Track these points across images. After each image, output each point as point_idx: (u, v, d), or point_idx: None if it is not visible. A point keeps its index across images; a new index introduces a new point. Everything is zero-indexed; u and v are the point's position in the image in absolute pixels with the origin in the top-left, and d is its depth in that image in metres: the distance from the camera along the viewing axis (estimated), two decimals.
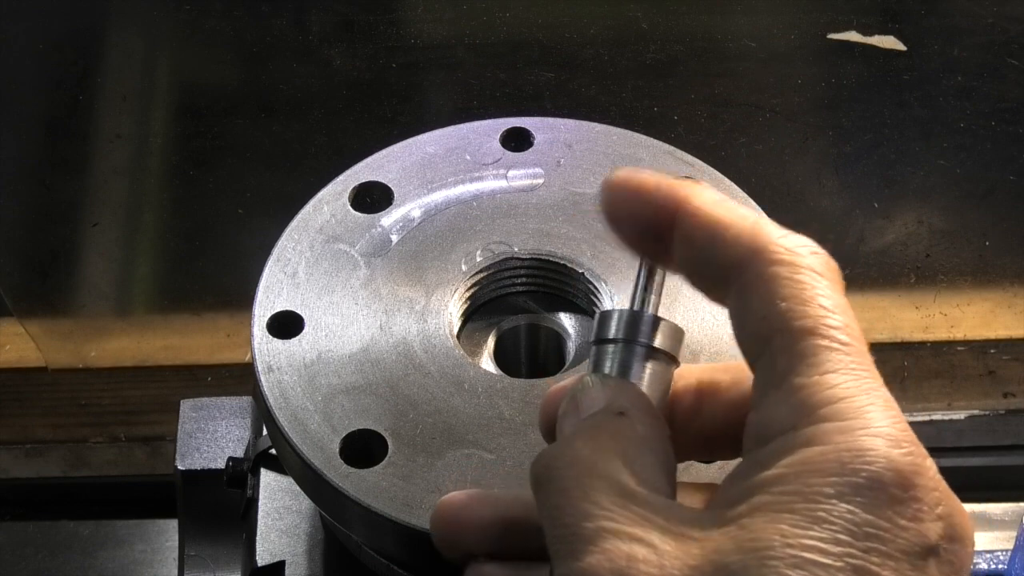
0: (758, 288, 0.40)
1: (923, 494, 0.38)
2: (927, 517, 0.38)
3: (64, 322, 0.98)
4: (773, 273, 0.40)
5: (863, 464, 0.38)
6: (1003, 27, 0.90)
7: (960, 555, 0.39)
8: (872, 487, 0.37)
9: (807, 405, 0.39)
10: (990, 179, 0.95)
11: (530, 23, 0.90)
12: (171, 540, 0.88)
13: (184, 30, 0.92)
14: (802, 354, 0.39)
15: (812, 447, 0.38)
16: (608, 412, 0.41)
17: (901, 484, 0.38)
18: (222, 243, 0.98)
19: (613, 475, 0.39)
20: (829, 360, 0.39)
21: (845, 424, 0.38)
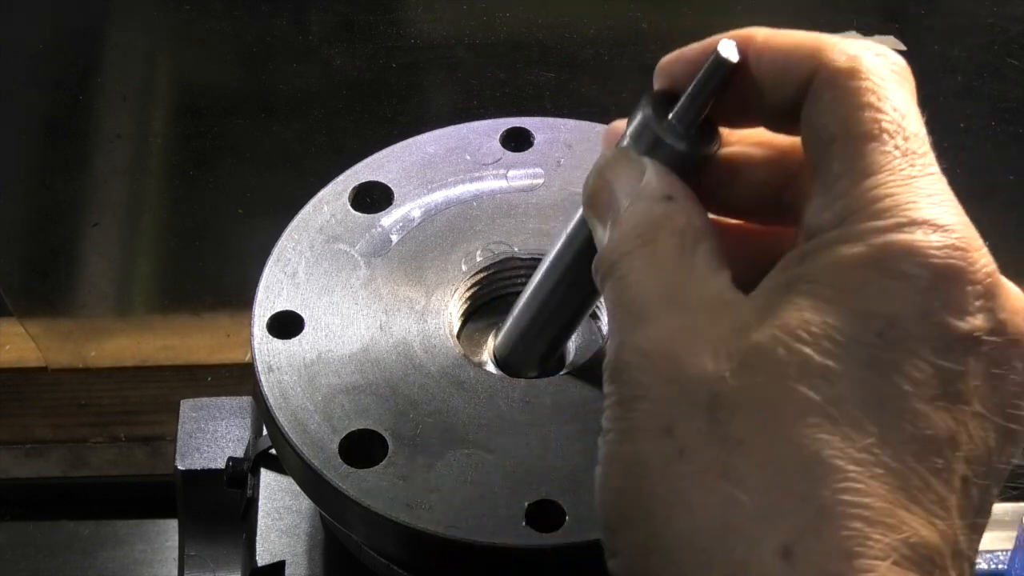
0: (820, 98, 0.41)
1: (960, 284, 0.38)
2: (964, 307, 0.38)
3: (64, 322, 0.99)
4: (832, 81, 0.41)
5: (894, 259, 0.38)
6: (1003, 27, 0.90)
7: (1008, 353, 0.39)
8: (901, 278, 0.38)
9: (850, 207, 0.39)
10: (990, 179, 0.95)
11: (530, 23, 0.90)
12: (171, 540, 0.88)
13: (184, 30, 0.92)
14: (854, 158, 0.40)
15: (848, 245, 0.39)
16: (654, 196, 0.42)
17: (935, 274, 0.38)
18: (222, 243, 0.98)
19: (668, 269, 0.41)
20: (879, 163, 0.40)
21: (883, 223, 0.39)
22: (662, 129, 0.43)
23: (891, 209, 0.39)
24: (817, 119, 0.41)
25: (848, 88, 0.41)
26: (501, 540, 0.47)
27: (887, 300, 0.38)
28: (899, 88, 0.41)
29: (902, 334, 0.38)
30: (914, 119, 0.41)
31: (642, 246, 0.41)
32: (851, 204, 0.39)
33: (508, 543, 0.47)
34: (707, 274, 0.41)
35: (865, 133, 0.40)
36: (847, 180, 0.40)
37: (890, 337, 0.38)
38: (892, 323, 0.38)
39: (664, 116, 0.43)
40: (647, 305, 0.40)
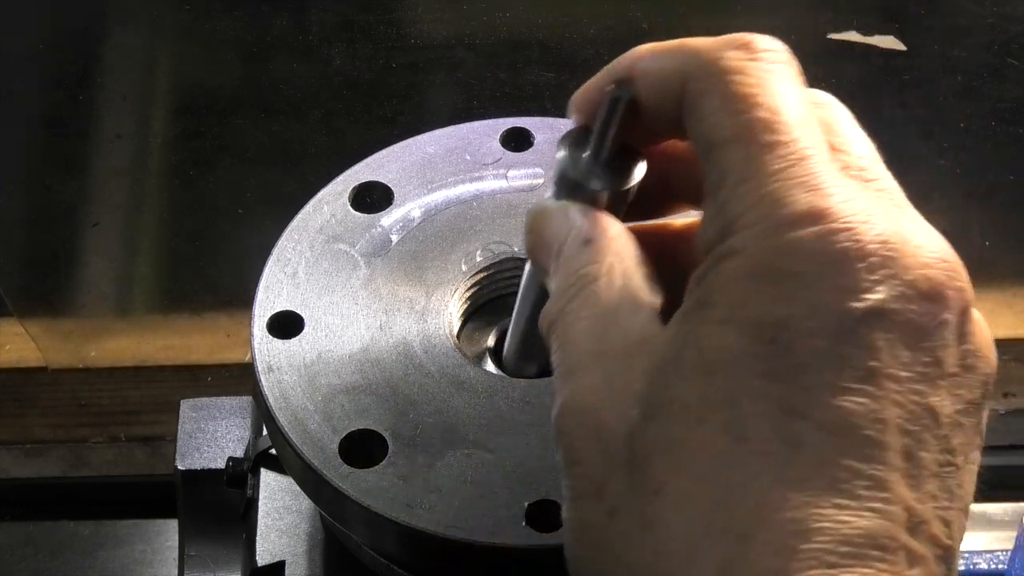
0: (690, 112, 0.40)
1: (847, 265, 0.37)
2: (857, 286, 0.37)
3: (64, 322, 0.99)
4: (695, 91, 0.40)
5: (775, 263, 0.37)
6: (1003, 27, 0.90)
7: (924, 310, 0.37)
8: (785, 280, 0.37)
9: (728, 217, 0.38)
10: (990, 179, 0.95)
11: (530, 23, 0.90)
12: (171, 540, 0.88)
13: (184, 30, 0.92)
14: (724, 165, 0.39)
15: (731, 259, 0.38)
16: (576, 242, 0.42)
17: (819, 265, 0.37)
18: (222, 243, 0.98)
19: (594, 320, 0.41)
20: (749, 165, 0.38)
21: (760, 228, 0.38)
22: (578, 173, 0.44)
23: (765, 212, 0.38)
24: (692, 132, 0.41)
25: (708, 94, 0.40)
26: (501, 540, 0.47)
27: (774, 306, 0.37)
28: (765, 80, 0.40)
29: (795, 335, 0.37)
30: (785, 108, 0.39)
31: (571, 300, 0.41)
32: (728, 214, 0.38)
33: (508, 543, 0.47)
34: (631, 314, 0.40)
35: (730, 137, 0.39)
36: (723, 190, 0.39)
37: (785, 341, 0.37)
38: (784, 327, 0.37)
39: (580, 155, 0.44)
40: (576, 362, 0.40)
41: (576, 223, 0.43)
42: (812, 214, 0.37)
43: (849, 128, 0.41)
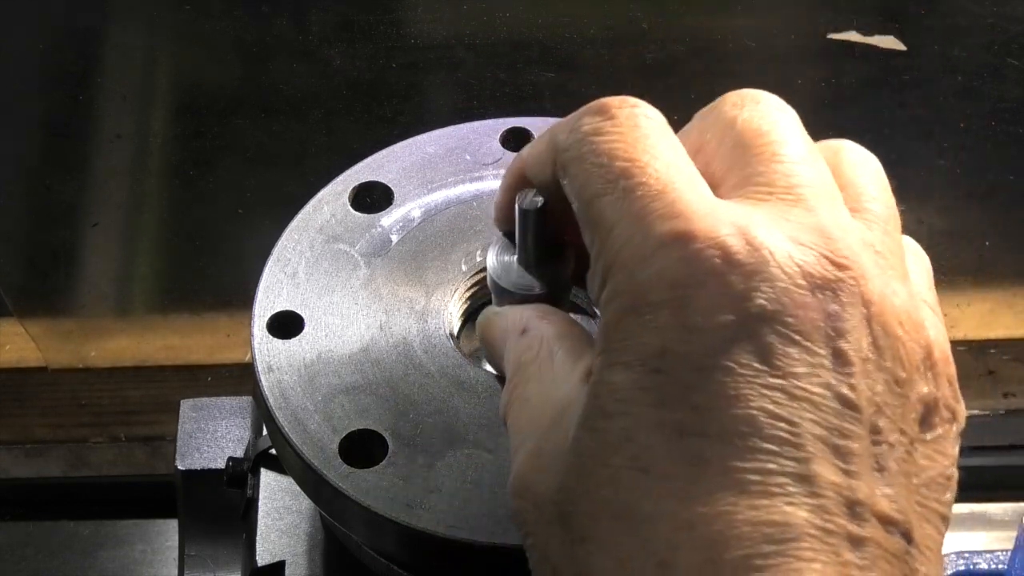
0: (564, 178, 0.43)
1: (705, 284, 0.38)
2: (720, 303, 0.38)
3: (64, 322, 0.99)
4: (564, 160, 0.43)
5: (640, 299, 0.39)
6: (1003, 27, 0.90)
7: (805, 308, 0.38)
8: (651, 312, 0.38)
9: (603, 269, 0.40)
10: (990, 179, 0.95)
11: (530, 23, 0.90)
12: (171, 540, 0.88)
13: (184, 30, 0.92)
14: (592, 223, 0.41)
15: (609, 306, 0.40)
16: (514, 335, 0.45)
17: (676, 292, 0.38)
18: (222, 243, 0.98)
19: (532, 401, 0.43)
20: (609, 215, 0.40)
21: (625, 271, 0.39)
22: (509, 281, 0.49)
23: (631, 249, 0.39)
24: (570, 198, 0.43)
25: (573, 160, 0.42)
26: (501, 540, 0.47)
27: (651, 337, 0.38)
28: (622, 134, 0.42)
29: (675, 360, 0.38)
30: (642, 154, 0.41)
31: (515, 387, 0.43)
32: (604, 261, 0.40)
33: (508, 543, 0.47)
34: (562, 383, 0.42)
35: (596, 192, 0.41)
36: (596, 240, 0.41)
37: (667, 368, 0.38)
38: (662, 355, 0.38)
39: (511, 262, 0.49)
40: (519, 441, 0.42)
41: (511, 319, 0.46)
42: (675, 239, 0.39)
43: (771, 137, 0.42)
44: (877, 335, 0.39)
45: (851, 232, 0.40)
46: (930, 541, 0.38)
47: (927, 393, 0.39)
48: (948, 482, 0.39)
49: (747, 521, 0.36)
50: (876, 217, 0.42)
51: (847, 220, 0.41)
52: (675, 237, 0.39)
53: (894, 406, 0.38)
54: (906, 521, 0.37)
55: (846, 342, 0.38)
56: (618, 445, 0.38)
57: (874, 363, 0.38)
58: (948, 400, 0.40)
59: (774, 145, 0.42)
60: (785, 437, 0.37)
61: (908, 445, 0.38)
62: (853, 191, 0.43)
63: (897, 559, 0.37)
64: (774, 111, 0.43)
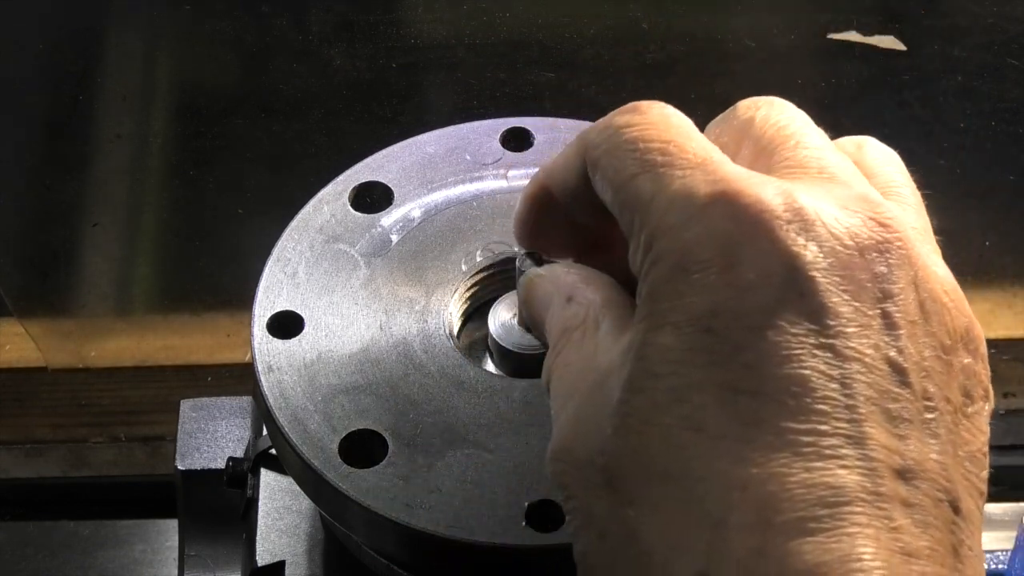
0: (595, 171, 0.43)
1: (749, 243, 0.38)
2: (767, 260, 0.38)
3: (64, 322, 0.99)
4: (596, 155, 0.43)
5: (687, 261, 0.39)
6: (1003, 27, 0.90)
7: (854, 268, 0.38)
8: (700, 271, 0.38)
9: (647, 241, 0.40)
10: (990, 179, 0.95)
11: (530, 23, 0.90)
12: (171, 540, 0.88)
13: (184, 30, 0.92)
14: (634, 198, 0.41)
15: (654, 269, 0.40)
16: (560, 301, 0.45)
17: (722, 252, 0.38)
18: (222, 243, 0.98)
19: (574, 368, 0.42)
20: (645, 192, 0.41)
21: (670, 236, 0.39)
22: (508, 342, 0.52)
23: (676, 212, 0.39)
24: (600, 190, 0.43)
25: (606, 152, 0.43)
26: (501, 540, 0.47)
27: (701, 297, 0.38)
28: (654, 123, 0.42)
29: (727, 319, 0.38)
30: (678, 137, 0.41)
31: (559, 354, 0.43)
32: (647, 230, 0.40)
33: (508, 543, 0.47)
34: (605, 352, 0.42)
35: (632, 174, 0.41)
36: (637, 215, 0.41)
37: (718, 328, 0.38)
38: (714, 314, 0.38)
39: (511, 322, 0.52)
40: (560, 407, 0.42)
41: (558, 284, 0.45)
42: (719, 198, 0.39)
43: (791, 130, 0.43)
44: (924, 300, 0.39)
45: (902, 214, 0.40)
46: (974, 517, 0.38)
47: (968, 364, 0.39)
48: (984, 458, 0.40)
49: (800, 483, 0.36)
50: (906, 200, 0.42)
51: (881, 196, 0.41)
52: (721, 196, 0.39)
53: (940, 373, 0.38)
54: (953, 489, 0.37)
55: (894, 304, 0.38)
56: (668, 405, 0.38)
57: (922, 327, 0.38)
58: (983, 377, 0.40)
59: (796, 136, 0.42)
60: (837, 398, 0.36)
61: (953, 415, 0.38)
62: (880, 180, 0.43)
63: (946, 527, 0.37)
64: (789, 110, 0.44)
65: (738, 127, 0.44)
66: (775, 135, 0.42)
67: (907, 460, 0.37)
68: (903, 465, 0.37)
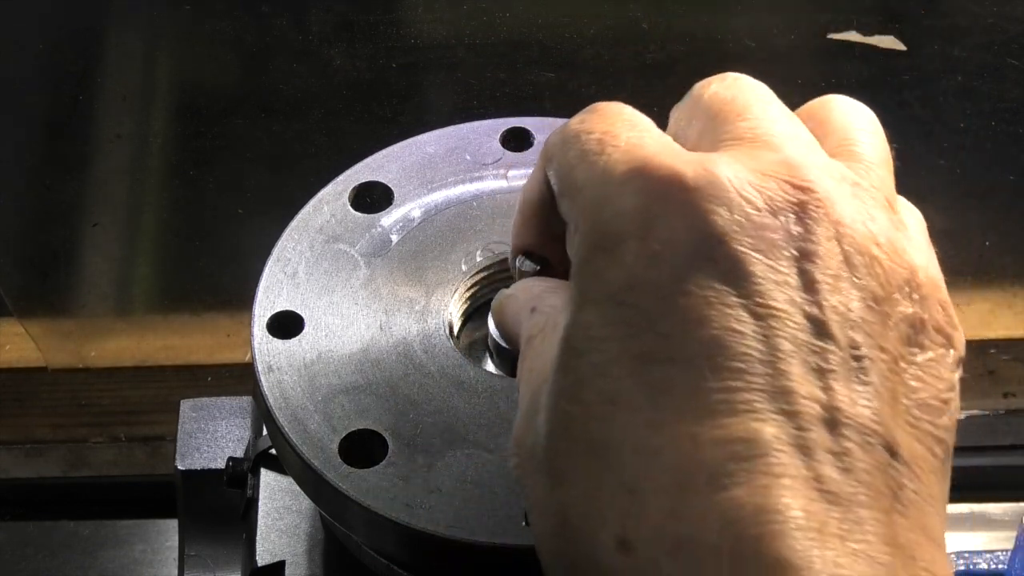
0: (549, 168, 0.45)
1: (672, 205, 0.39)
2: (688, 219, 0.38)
3: (64, 322, 0.99)
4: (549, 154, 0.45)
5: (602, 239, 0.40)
6: (1003, 27, 0.90)
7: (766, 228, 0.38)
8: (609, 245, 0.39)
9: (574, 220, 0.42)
10: (990, 179, 0.95)
11: (530, 23, 0.90)
12: (171, 540, 0.88)
13: (184, 30, 0.92)
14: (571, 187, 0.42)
15: (577, 249, 0.41)
16: (526, 312, 0.45)
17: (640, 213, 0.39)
18: (222, 243, 0.98)
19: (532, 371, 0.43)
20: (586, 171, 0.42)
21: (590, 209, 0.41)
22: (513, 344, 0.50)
23: (592, 203, 0.41)
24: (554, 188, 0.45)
25: (555, 149, 0.44)
26: (501, 540, 0.47)
27: (614, 272, 0.39)
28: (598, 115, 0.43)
29: (639, 291, 0.38)
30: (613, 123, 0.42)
31: (523, 360, 0.44)
32: (574, 222, 0.42)
33: (508, 543, 0.47)
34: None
35: (570, 164, 0.43)
36: (572, 212, 0.42)
37: (632, 299, 0.38)
38: (627, 287, 0.38)
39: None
40: (519, 403, 0.43)
41: (523, 299, 0.46)
42: (633, 174, 0.40)
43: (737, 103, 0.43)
44: (849, 254, 0.39)
45: (821, 166, 0.40)
46: (922, 461, 0.37)
47: (912, 313, 0.39)
48: (944, 406, 0.39)
49: (713, 441, 0.36)
50: (862, 158, 0.42)
51: (819, 158, 0.41)
52: (634, 171, 0.40)
53: (872, 322, 0.38)
54: (888, 433, 0.37)
55: (812, 262, 0.38)
56: (588, 381, 0.38)
57: (848, 280, 0.38)
58: (940, 323, 0.40)
59: (740, 107, 0.43)
60: (752, 355, 0.37)
61: (892, 363, 0.38)
62: (839, 136, 0.43)
63: (879, 471, 0.36)
64: (739, 83, 0.44)
65: (690, 106, 0.45)
66: (719, 110, 0.43)
67: (832, 409, 0.37)
68: (828, 412, 0.36)
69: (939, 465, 0.38)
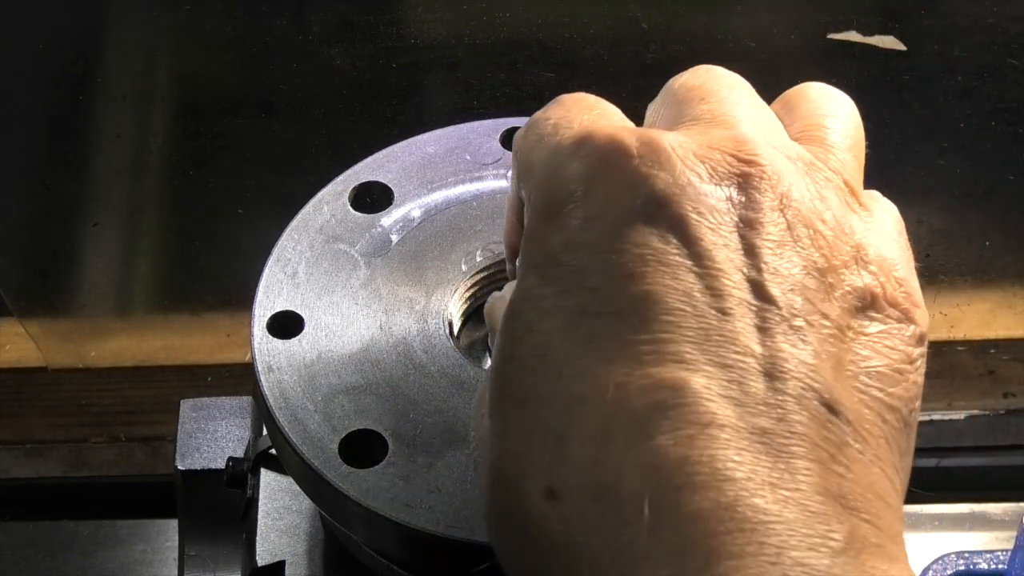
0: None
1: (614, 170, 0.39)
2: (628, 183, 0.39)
3: (64, 322, 0.99)
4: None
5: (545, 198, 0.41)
6: (1003, 27, 0.90)
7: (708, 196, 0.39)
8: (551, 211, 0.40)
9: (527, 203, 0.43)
10: (990, 179, 0.95)
11: (530, 23, 0.90)
12: (171, 540, 0.88)
13: (184, 30, 0.92)
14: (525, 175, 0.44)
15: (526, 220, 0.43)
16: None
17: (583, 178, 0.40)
18: (222, 243, 0.98)
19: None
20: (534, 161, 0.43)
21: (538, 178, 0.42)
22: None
23: (539, 176, 0.42)
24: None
25: (515, 151, 0.45)
26: None
27: (555, 236, 0.40)
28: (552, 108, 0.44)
29: (576, 251, 0.39)
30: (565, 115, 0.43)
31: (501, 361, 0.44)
32: (526, 198, 0.43)
33: None
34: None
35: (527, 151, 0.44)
36: (526, 188, 0.43)
37: (568, 259, 0.39)
38: (565, 248, 0.39)
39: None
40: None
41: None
42: (577, 143, 0.40)
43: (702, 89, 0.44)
44: (793, 224, 0.39)
45: (774, 144, 0.41)
46: (869, 425, 0.37)
47: (861, 286, 0.39)
48: (899, 375, 0.39)
49: (639, 389, 0.36)
50: (824, 142, 0.43)
51: (775, 138, 0.41)
52: (578, 142, 0.40)
53: (812, 289, 0.38)
54: (827, 391, 0.37)
55: (753, 229, 0.38)
56: (521, 338, 0.39)
57: (790, 248, 0.39)
58: (896, 299, 0.40)
59: (703, 92, 0.43)
60: (685, 310, 0.37)
61: (835, 331, 0.38)
62: (806, 121, 0.43)
63: (816, 424, 0.36)
64: (711, 71, 0.45)
65: (662, 97, 0.45)
66: (684, 96, 0.43)
67: (768, 362, 0.37)
68: (761, 367, 0.36)
69: (892, 432, 0.38)
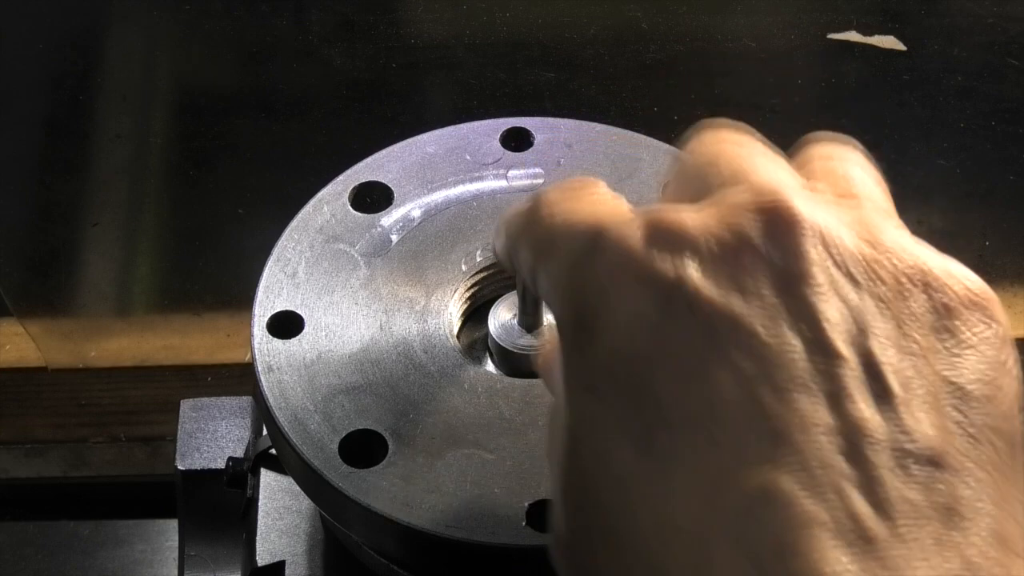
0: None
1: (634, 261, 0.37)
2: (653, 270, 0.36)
3: (64, 322, 0.98)
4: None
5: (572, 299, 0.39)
6: (1003, 27, 0.90)
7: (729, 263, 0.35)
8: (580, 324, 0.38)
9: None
10: (990, 179, 0.95)
11: (530, 23, 0.90)
12: (171, 540, 0.88)
13: (184, 30, 0.92)
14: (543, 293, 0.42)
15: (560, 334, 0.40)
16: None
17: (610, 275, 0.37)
18: (222, 243, 0.98)
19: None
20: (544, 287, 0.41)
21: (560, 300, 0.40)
22: (508, 343, 0.53)
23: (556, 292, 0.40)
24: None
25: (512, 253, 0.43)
26: (501, 540, 0.47)
27: (596, 348, 0.37)
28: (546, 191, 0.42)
29: (624, 361, 0.36)
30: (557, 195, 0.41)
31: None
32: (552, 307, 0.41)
33: (508, 543, 0.47)
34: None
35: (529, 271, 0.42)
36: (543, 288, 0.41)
37: (619, 373, 0.36)
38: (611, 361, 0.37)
39: (511, 322, 0.54)
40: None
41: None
42: (590, 243, 0.38)
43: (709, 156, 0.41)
44: (842, 262, 0.35)
45: (792, 186, 0.37)
46: (977, 461, 0.33)
47: (933, 301, 0.35)
48: (995, 388, 0.34)
49: (730, 502, 0.33)
50: (857, 199, 0.38)
51: (791, 183, 0.38)
52: (590, 240, 0.38)
53: (883, 325, 0.35)
54: (924, 442, 0.33)
55: (795, 279, 0.35)
56: (594, 470, 0.36)
57: (847, 286, 0.35)
58: (970, 297, 0.36)
59: (711, 157, 0.40)
60: (749, 404, 0.34)
61: (920, 360, 0.34)
62: (832, 180, 0.39)
63: (920, 491, 0.32)
64: (719, 132, 0.41)
65: (673, 171, 0.42)
66: (694, 167, 0.40)
67: (852, 432, 0.33)
68: (849, 439, 0.33)
69: (1002, 460, 0.33)
